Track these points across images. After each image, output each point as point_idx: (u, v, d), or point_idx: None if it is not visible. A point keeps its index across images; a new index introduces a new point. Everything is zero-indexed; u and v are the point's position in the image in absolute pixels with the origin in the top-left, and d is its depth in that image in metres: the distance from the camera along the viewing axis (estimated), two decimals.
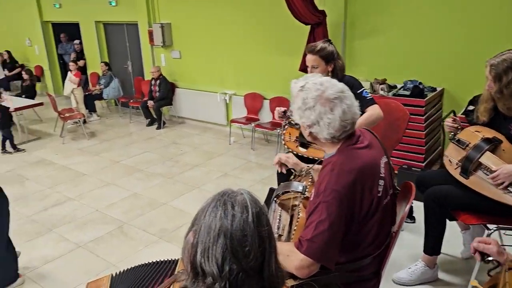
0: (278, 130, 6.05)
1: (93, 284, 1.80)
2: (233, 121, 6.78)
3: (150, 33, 7.84)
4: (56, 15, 9.98)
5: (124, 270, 1.82)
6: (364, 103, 2.84)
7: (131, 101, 8.43)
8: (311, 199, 1.73)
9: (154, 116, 7.89)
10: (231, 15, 6.79)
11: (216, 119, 7.52)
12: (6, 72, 10.54)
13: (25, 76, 8.99)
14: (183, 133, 7.49)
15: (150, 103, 7.72)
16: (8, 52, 10.66)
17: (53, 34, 10.52)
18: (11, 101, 7.01)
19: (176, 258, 1.75)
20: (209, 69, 7.43)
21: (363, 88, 2.95)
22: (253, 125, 6.54)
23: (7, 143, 6.68)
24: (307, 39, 5.42)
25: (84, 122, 7.84)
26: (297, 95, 1.79)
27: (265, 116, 6.74)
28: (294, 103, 1.83)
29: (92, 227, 4.34)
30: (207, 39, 7.27)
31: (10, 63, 10.63)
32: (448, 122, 2.80)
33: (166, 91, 7.72)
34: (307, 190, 2.07)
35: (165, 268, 1.72)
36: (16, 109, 7.24)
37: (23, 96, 8.73)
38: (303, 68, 5.18)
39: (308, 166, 2.30)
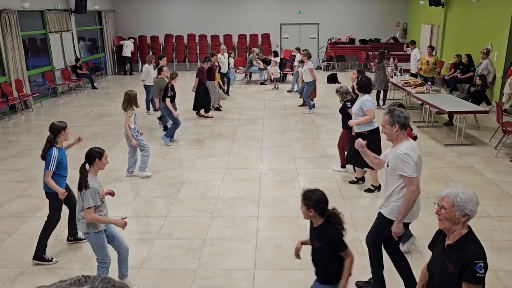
0: None
1: None
2: None
3: None
4: None
5: None
6: None
7: None
8: None
9: None
10: None
11: None
12: (458, 73, 11.05)
13: (478, 81, 9.10)
14: None
15: None
16: (469, 55, 11.01)
17: None
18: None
19: None
20: None
21: None
22: None
23: None
24: None
25: None
26: None
27: None
28: None
29: (508, 254, 4.07)
30: None
31: (466, 66, 10.99)
32: None
33: None
34: None
35: None
36: (459, 112, 7.55)
37: (469, 100, 8.89)
38: None
39: None
